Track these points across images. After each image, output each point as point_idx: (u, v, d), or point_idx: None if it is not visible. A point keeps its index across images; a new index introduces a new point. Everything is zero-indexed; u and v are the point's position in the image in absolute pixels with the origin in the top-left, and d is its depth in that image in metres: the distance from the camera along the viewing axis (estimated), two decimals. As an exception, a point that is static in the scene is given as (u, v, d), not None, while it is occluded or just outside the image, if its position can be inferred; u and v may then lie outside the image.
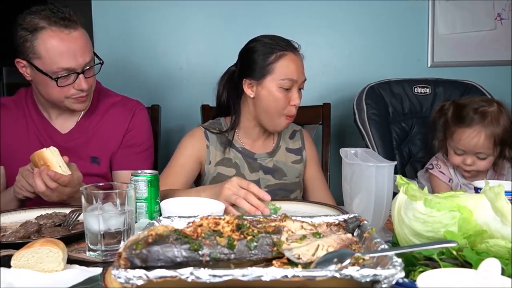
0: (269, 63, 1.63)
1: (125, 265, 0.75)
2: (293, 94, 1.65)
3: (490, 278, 0.65)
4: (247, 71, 1.68)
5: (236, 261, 0.80)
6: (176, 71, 2.46)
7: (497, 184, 0.91)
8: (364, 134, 2.15)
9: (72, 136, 1.67)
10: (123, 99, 1.77)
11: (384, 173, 1.17)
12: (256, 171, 1.74)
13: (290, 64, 1.64)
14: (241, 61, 1.72)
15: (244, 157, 1.74)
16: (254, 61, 1.66)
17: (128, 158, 1.70)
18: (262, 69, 1.64)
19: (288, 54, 1.64)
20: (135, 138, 1.72)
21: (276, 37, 1.69)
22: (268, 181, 1.74)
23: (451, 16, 2.51)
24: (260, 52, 1.65)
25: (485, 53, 2.54)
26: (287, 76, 1.63)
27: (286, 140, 1.83)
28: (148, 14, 2.40)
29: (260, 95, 1.66)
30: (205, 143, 1.72)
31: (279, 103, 1.64)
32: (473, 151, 1.76)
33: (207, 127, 1.76)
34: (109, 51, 2.40)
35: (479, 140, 1.73)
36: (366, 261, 0.81)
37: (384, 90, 2.24)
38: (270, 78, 1.63)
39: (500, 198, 0.88)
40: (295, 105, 1.66)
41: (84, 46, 1.53)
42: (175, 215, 1.03)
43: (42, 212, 1.33)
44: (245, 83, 1.68)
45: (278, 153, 1.79)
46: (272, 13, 2.43)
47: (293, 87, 1.65)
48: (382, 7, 2.49)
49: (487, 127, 1.73)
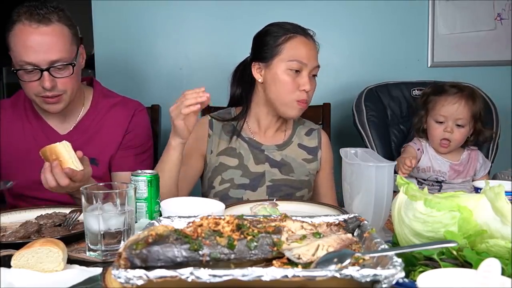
0: (277, 44, 1.60)
1: (125, 265, 0.75)
2: (302, 78, 1.58)
3: (490, 278, 0.65)
4: (257, 55, 1.66)
5: (236, 261, 0.80)
6: (176, 71, 2.45)
7: (497, 184, 0.91)
8: (364, 136, 2.16)
9: (71, 137, 1.63)
10: (123, 99, 1.76)
11: (384, 173, 1.17)
12: (262, 163, 1.69)
13: (299, 46, 1.60)
14: (253, 45, 1.71)
15: (250, 148, 1.70)
16: (265, 43, 1.63)
17: (127, 160, 1.68)
18: (271, 50, 1.61)
19: (298, 36, 1.61)
20: (134, 139, 1.71)
21: (291, 23, 1.66)
22: (274, 175, 1.69)
23: (451, 16, 2.51)
24: (271, 35, 1.63)
25: (485, 53, 2.54)
26: (295, 58, 1.58)
27: (301, 136, 1.78)
28: (148, 14, 2.40)
29: (268, 79, 1.62)
30: (207, 132, 1.69)
31: (287, 87, 1.59)
32: (454, 117, 1.91)
33: (214, 115, 1.73)
34: (109, 51, 2.41)
35: (460, 105, 1.91)
36: (366, 261, 0.81)
37: (383, 93, 2.25)
38: (277, 59, 1.60)
39: (500, 198, 0.88)
40: (306, 90, 1.59)
41: (52, 43, 1.48)
42: (175, 215, 1.03)
43: (42, 212, 1.33)
44: (254, 67, 1.66)
45: (288, 147, 1.74)
46: (272, 13, 2.42)
47: (303, 71, 1.59)
48: (382, 7, 2.48)
49: (465, 98, 1.92)
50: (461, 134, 1.94)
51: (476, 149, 2.04)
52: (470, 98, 1.92)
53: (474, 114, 1.93)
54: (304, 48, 1.60)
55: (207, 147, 1.68)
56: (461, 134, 1.94)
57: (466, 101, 1.91)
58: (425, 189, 0.98)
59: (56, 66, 1.49)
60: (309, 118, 2.20)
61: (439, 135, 1.94)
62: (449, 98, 1.92)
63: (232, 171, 1.67)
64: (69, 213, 1.29)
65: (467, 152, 2.02)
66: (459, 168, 1.98)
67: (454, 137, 1.93)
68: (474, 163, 2.01)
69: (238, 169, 1.67)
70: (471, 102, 1.92)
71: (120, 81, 2.33)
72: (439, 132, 1.94)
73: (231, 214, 0.92)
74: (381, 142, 2.16)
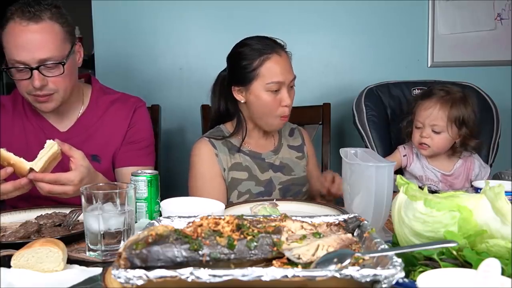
0: (253, 69, 1.63)
1: (125, 265, 0.75)
2: (283, 95, 1.64)
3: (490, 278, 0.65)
4: (234, 78, 1.69)
5: (236, 261, 0.80)
6: (176, 71, 2.45)
7: (497, 184, 0.91)
8: (364, 135, 2.16)
9: (71, 134, 1.65)
10: (122, 96, 1.76)
11: (384, 173, 1.16)
12: (266, 170, 1.76)
13: (274, 67, 1.63)
14: (229, 67, 1.74)
15: (253, 159, 1.75)
16: (239, 67, 1.66)
17: (131, 154, 1.68)
18: (248, 75, 1.64)
19: (271, 56, 1.64)
20: (137, 134, 1.71)
21: (261, 39, 1.69)
22: (280, 178, 1.76)
23: (451, 16, 2.51)
24: (244, 59, 1.66)
25: (485, 53, 2.54)
26: (272, 80, 1.62)
27: (287, 137, 1.86)
28: (148, 14, 2.40)
29: (250, 100, 1.67)
30: (214, 152, 1.71)
31: (269, 106, 1.65)
32: (429, 123, 1.86)
33: (210, 136, 1.75)
34: (109, 51, 2.41)
35: (433, 110, 1.86)
36: (366, 261, 0.81)
37: (383, 93, 2.25)
38: (256, 83, 1.64)
39: (500, 198, 0.88)
40: (287, 105, 1.66)
41: (41, 41, 1.45)
42: (175, 215, 1.03)
43: (42, 212, 1.33)
44: (234, 90, 1.70)
45: (281, 150, 1.81)
46: (272, 13, 2.43)
47: (282, 88, 1.64)
48: (382, 7, 2.48)
49: (444, 102, 1.86)
50: (441, 139, 1.87)
51: (472, 156, 1.98)
52: (449, 103, 1.85)
53: (453, 119, 1.85)
54: (278, 67, 1.64)
55: (220, 167, 1.71)
56: (440, 139, 1.87)
57: (442, 106, 1.85)
58: (425, 189, 0.98)
59: (46, 64, 1.46)
60: (309, 118, 2.21)
61: (416, 140, 1.91)
62: (426, 103, 1.88)
63: (246, 183, 1.72)
64: (69, 213, 1.29)
65: (462, 160, 1.96)
66: (452, 179, 1.94)
67: (433, 142, 1.88)
68: (468, 173, 1.95)
69: (251, 180, 1.72)
70: (449, 108, 1.84)
71: (120, 81, 2.33)
72: (417, 137, 1.91)
73: (231, 214, 0.92)
74: (381, 142, 2.16)
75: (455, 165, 1.95)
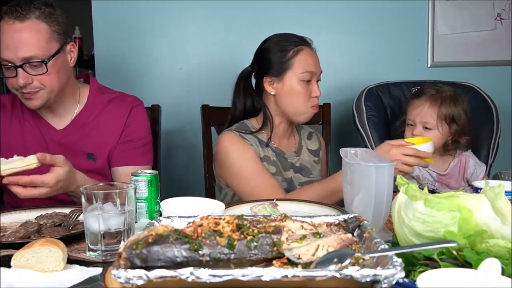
0: (287, 59, 1.69)
1: (125, 265, 0.75)
2: (313, 86, 1.71)
3: (490, 278, 0.65)
4: (266, 70, 1.72)
5: (236, 261, 0.80)
6: (176, 71, 2.46)
7: (497, 184, 0.91)
8: (364, 135, 2.17)
9: (67, 132, 1.65)
10: (119, 95, 1.76)
11: (384, 173, 1.16)
12: (287, 170, 1.78)
13: (308, 58, 1.71)
14: (258, 61, 1.77)
15: (277, 156, 1.77)
16: (272, 59, 1.71)
17: (127, 154, 1.68)
18: (281, 65, 1.69)
19: (304, 48, 1.71)
20: (133, 133, 1.70)
21: (290, 34, 1.75)
22: (300, 179, 1.78)
23: (451, 16, 2.51)
24: (277, 50, 1.71)
25: (485, 53, 2.54)
26: (306, 69, 1.69)
27: (306, 140, 1.89)
28: (148, 14, 2.40)
29: (282, 91, 1.71)
30: (248, 142, 1.71)
31: (301, 96, 1.70)
32: (419, 120, 1.89)
33: (238, 130, 1.74)
34: (109, 51, 2.41)
35: (423, 108, 1.88)
36: (366, 261, 0.80)
37: (383, 93, 2.26)
38: (290, 73, 1.69)
39: (500, 198, 0.88)
40: (317, 96, 1.72)
41: (24, 40, 1.46)
42: (175, 215, 1.03)
43: (42, 212, 1.33)
44: (265, 81, 1.73)
45: (302, 152, 1.85)
46: (272, 13, 2.43)
47: (313, 79, 1.71)
48: (382, 7, 2.49)
49: (433, 100, 1.88)
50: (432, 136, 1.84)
51: (467, 155, 1.98)
52: (438, 101, 1.88)
53: (443, 117, 1.87)
54: (311, 58, 1.72)
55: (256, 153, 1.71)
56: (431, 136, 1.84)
57: (431, 104, 1.88)
58: (425, 189, 0.98)
59: (30, 62, 1.47)
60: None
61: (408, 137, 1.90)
62: (416, 101, 1.91)
63: (275, 177, 1.72)
64: (69, 213, 1.29)
65: (457, 159, 1.97)
66: (447, 179, 1.94)
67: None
68: (464, 172, 1.96)
69: (278, 175, 1.75)
70: (439, 105, 1.87)
71: (120, 81, 2.33)
72: (408, 135, 1.92)
73: (231, 214, 0.92)
74: (381, 142, 2.12)
75: (450, 165, 1.96)
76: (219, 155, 1.72)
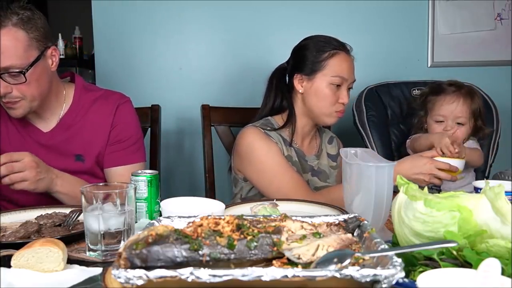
0: (321, 60, 1.68)
1: (125, 265, 0.75)
2: (342, 92, 1.70)
3: (490, 278, 0.65)
4: (299, 67, 1.72)
5: (236, 261, 0.80)
6: (176, 71, 2.46)
7: (497, 184, 0.91)
8: (364, 135, 2.17)
9: (54, 134, 1.62)
10: (105, 92, 1.71)
11: (384, 173, 1.16)
12: (306, 172, 1.77)
13: (342, 63, 1.69)
14: (294, 57, 1.77)
15: (299, 158, 1.76)
16: (307, 57, 1.70)
17: (118, 154, 1.65)
18: (314, 65, 1.69)
19: (341, 53, 1.70)
20: (122, 133, 1.66)
21: (331, 37, 1.75)
22: (316, 183, 1.77)
23: (451, 16, 2.51)
24: (313, 49, 1.70)
25: (485, 53, 2.54)
26: (338, 74, 1.68)
27: (326, 145, 1.87)
28: (148, 14, 2.40)
29: (310, 90, 1.70)
30: (272, 139, 1.71)
31: (327, 100, 1.69)
32: (453, 116, 1.92)
33: (261, 127, 1.73)
34: (109, 51, 2.41)
35: (458, 104, 1.92)
36: (366, 261, 0.80)
37: (383, 93, 2.26)
38: (321, 74, 1.68)
39: (500, 198, 0.88)
40: (344, 103, 1.70)
41: (3, 48, 1.40)
42: (175, 215, 1.03)
43: (42, 212, 1.33)
44: (296, 78, 1.73)
45: (321, 156, 1.83)
46: (272, 13, 2.43)
47: (343, 85, 1.70)
48: (382, 7, 2.49)
49: (463, 96, 1.93)
50: (462, 133, 1.93)
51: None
52: (468, 96, 1.93)
53: (473, 111, 1.94)
54: (346, 64, 1.70)
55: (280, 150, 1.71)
56: (462, 132, 1.93)
57: (464, 99, 1.92)
58: (425, 189, 0.98)
59: (9, 72, 1.42)
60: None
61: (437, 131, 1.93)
62: (447, 97, 1.94)
63: None
64: (69, 213, 1.29)
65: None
66: None
67: (456, 135, 1.92)
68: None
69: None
70: (470, 100, 1.93)
71: (120, 81, 2.33)
72: (439, 131, 1.93)
73: (231, 214, 0.92)
74: (381, 142, 2.16)
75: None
76: (241, 149, 1.71)
